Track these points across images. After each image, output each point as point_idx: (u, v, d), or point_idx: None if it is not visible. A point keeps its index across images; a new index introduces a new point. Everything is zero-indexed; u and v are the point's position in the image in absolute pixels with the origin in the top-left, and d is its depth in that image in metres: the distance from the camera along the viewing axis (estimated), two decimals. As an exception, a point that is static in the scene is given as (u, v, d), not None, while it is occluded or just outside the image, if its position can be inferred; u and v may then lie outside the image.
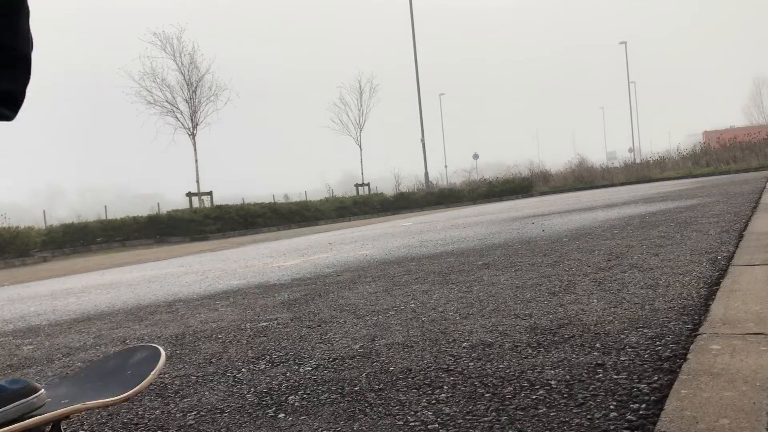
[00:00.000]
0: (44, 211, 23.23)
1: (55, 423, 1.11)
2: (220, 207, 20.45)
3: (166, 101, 24.36)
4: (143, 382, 1.20)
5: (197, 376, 1.58)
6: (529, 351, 1.42)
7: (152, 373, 1.23)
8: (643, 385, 1.11)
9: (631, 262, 2.56)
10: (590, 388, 1.13)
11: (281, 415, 1.20)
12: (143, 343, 1.78)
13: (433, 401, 1.17)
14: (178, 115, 24.37)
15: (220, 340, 2.02)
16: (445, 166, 40.72)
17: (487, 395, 1.16)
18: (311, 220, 21.16)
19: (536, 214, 7.35)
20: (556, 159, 47.39)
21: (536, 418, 1.03)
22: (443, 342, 1.60)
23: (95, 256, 13.98)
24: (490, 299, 2.12)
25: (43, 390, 1.12)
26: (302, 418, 1.17)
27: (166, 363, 1.48)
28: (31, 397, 1.10)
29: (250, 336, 2.03)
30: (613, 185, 21.74)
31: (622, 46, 45.88)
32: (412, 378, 1.33)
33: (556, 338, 1.50)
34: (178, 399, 1.40)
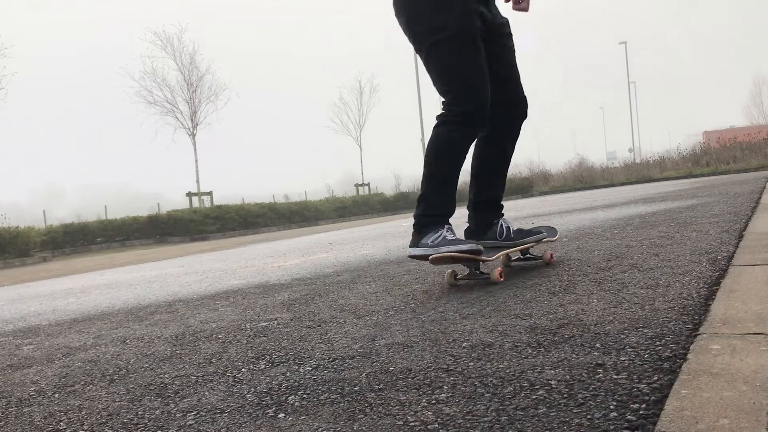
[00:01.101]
0: (44, 211, 23.25)
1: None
2: (219, 207, 20.47)
3: (167, 101, 24.38)
4: (557, 236, 2.85)
5: (197, 376, 1.58)
6: (529, 351, 1.42)
7: (558, 233, 2.70)
8: (643, 385, 1.11)
9: (631, 262, 2.56)
10: (590, 388, 1.13)
11: (281, 415, 1.20)
12: (542, 224, 3.37)
13: (433, 401, 1.17)
14: (178, 115, 24.39)
15: (220, 340, 2.02)
16: (445, 166, 40.66)
17: (487, 395, 1.16)
18: (311, 220, 21.15)
19: (536, 214, 7.36)
20: (556, 159, 47.34)
21: (536, 418, 1.03)
22: (443, 342, 1.60)
23: (95, 256, 13.99)
24: (489, 299, 2.12)
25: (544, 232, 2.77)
26: (302, 418, 1.17)
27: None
28: (544, 232, 2.74)
29: (250, 336, 2.03)
30: (613, 185, 21.74)
31: (622, 46, 45.87)
32: (412, 378, 1.33)
33: (556, 338, 1.50)
34: (178, 399, 1.41)
